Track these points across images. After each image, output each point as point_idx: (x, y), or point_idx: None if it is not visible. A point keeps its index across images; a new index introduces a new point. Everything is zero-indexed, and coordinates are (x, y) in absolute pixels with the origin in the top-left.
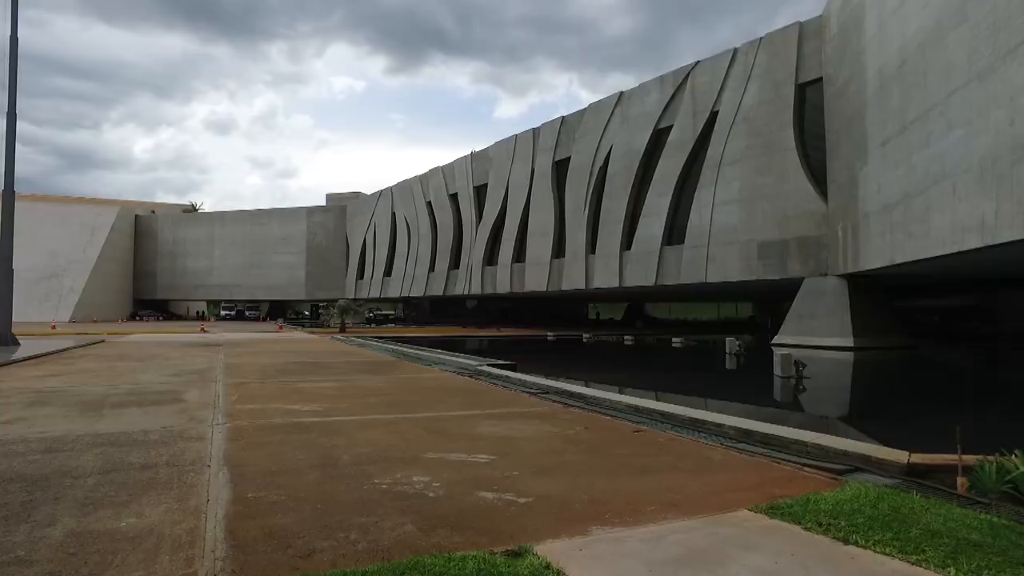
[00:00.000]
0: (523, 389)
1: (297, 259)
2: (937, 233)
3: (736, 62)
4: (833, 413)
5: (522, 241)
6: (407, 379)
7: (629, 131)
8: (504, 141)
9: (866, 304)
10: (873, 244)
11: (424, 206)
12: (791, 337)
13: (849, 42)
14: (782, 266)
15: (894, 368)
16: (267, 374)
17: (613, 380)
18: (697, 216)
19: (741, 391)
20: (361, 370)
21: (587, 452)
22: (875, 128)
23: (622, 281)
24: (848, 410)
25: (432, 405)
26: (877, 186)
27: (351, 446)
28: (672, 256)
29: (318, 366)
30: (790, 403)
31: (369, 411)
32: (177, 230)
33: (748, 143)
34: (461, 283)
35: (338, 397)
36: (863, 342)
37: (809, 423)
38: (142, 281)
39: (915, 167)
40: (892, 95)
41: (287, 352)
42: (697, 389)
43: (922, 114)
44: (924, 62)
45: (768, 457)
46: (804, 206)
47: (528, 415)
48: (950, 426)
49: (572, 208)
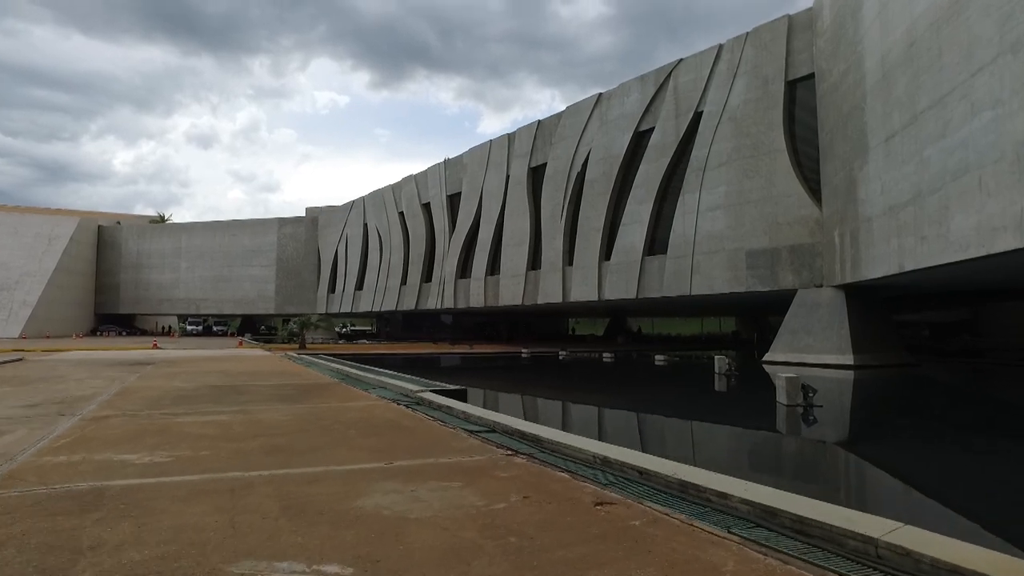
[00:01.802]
0: (464, 425)
1: (267, 272)
2: (958, 235)
3: (721, 59)
4: (888, 468)
5: (496, 252)
6: (326, 410)
7: (608, 134)
8: (478, 147)
9: (865, 317)
10: (877, 251)
11: (397, 216)
12: (783, 354)
13: (845, 32)
14: (772, 277)
15: (910, 390)
16: (156, 403)
17: (585, 405)
18: (681, 224)
19: (740, 424)
20: (279, 397)
21: (513, 556)
22: (877, 122)
23: (601, 294)
24: (905, 461)
25: (329, 453)
26: (880, 186)
27: (121, 548)
28: (654, 267)
29: (234, 391)
30: (812, 448)
31: (232, 464)
32: (142, 241)
33: (735, 145)
34: (433, 297)
35: (215, 439)
36: (863, 359)
37: (863, 491)
38: (104, 295)
39: (928, 161)
40: (898, 84)
41: (216, 373)
42: (684, 421)
43: (937, 100)
44: (939, 41)
45: (813, 564)
46: (796, 211)
47: (452, 471)
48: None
49: (548, 217)
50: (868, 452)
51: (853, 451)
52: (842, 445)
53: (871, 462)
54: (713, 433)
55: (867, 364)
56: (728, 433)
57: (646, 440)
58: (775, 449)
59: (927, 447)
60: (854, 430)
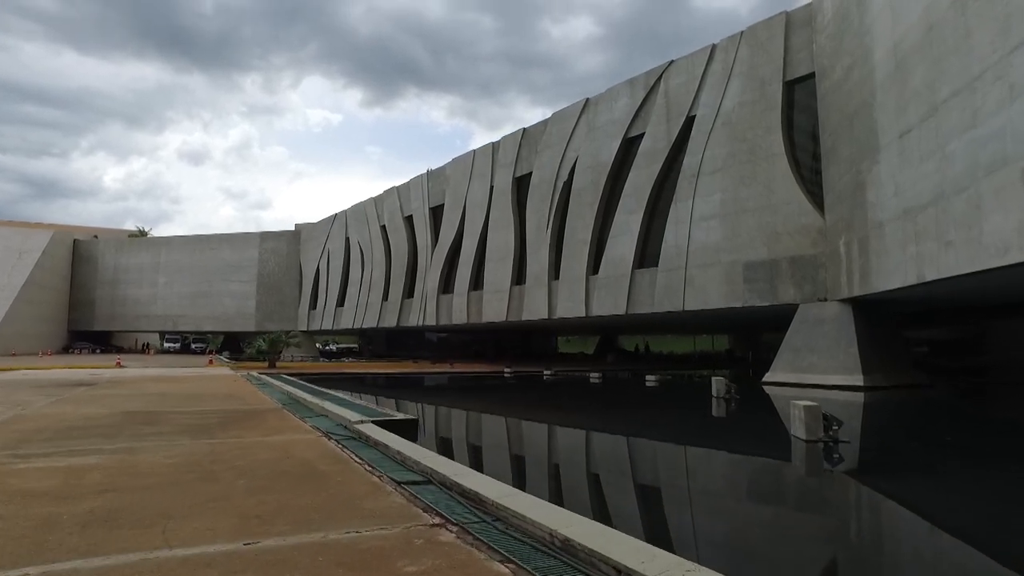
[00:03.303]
0: (395, 473)
1: (247, 288)
2: (994, 238)
3: (715, 59)
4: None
5: (480, 267)
6: (235, 447)
7: (596, 141)
8: (462, 157)
9: (874, 334)
10: (890, 259)
11: (379, 230)
12: (785, 374)
13: (849, 25)
14: (772, 290)
15: (942, 418)
16: (26, 439)
17: (560, 438)
18: (673, 235)
19: (755, 473)
20: (193, 428)
21: None
22: (889, 118)
23: (589, 310)
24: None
25: (178, 523)
26: (894, 188)
27: None
28: (645, 281)
29: (148, 420)
30: (875, 523)
31: (11, 548)
32: (120, 256)
33: (730, 150)
34: (415, 314)
35: (39, 497)
36: (873, 380)
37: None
38: (78, 311)
39: (953, 156)
40: (914, 73)
41: (151, 396)
42: (679, 465)
43: (965, 86)
44: (965, 19)
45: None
46: (797, 220)
47: (339, 558)
48: None
49: (534, 229)
50: (961, 525)
51: (936, 522)
52: (912, 508)
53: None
54: (720, 489)
55: (878, 385)
56: (743, 488)
57: (630, 497)
58: (818, 526)
59: None
60: (914, 484)
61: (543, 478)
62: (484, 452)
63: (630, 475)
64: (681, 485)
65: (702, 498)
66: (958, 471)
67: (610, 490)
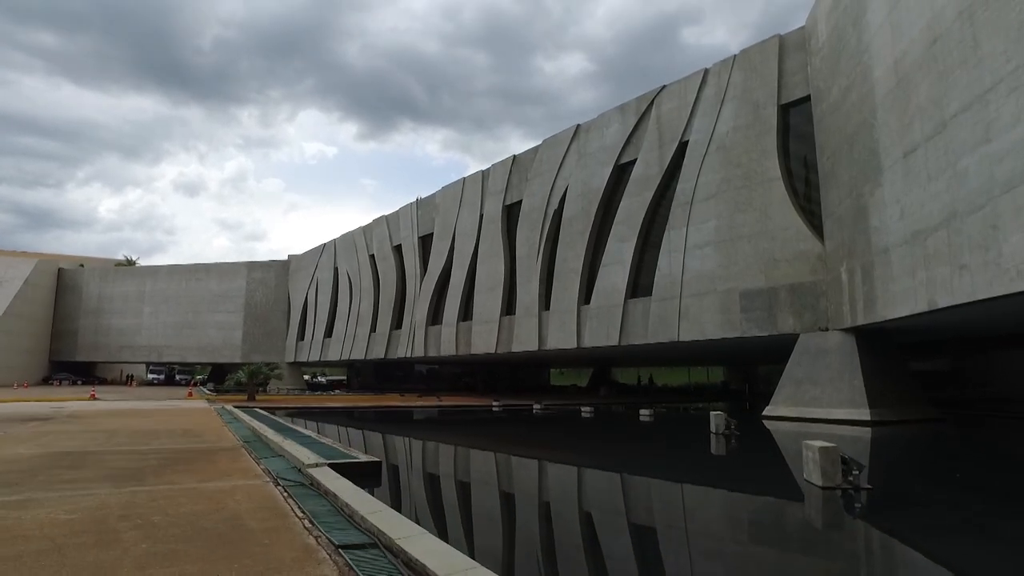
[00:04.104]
0: (337, 533)
1: (234, 318)
2: (1015, 260)
3: (707, 84)
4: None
5: (469, 297)
6: (161, 497)
7: (587, 168)
8: (452, 185)
9: (880, 365)
10: (897, 286)
11: (367, 260)
12: (786, 408)
13: (845, 44)
14: (770, 320)
15: (962, 455)
16: None
17: (541, 484)
18: (666, 263)
19: (770, 533)
20: (125, 472)
21: None
22: (892, 138)
23: (580, 341)
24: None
25: None
26: (899, 210)
27: None
28: (638, 311)
29: (79, 463)
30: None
31: None
32: (105, 285)
33: (724, 175)
34: (403, 345)
35: None
36: (880, 414)
37: None
38: (60, 341)
39: (966, 174)
40: (918, 89)
41: (101, 433)
42: (680, 523)
43: (976, 99)
44: (973, 29)
45: None
46: (795, 246)
47: None
48: None
49: (524, 258)
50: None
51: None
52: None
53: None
54: (736, 554)
55: (886, 420)
56: (762, 553)
57: (622, 567)
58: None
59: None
60: (964, 546)
61: (515, 540)
62: (451, 502)
63: (621, 536)
64: (684, 553)
65: (715, 568)
66: (1015, 525)
67: (593, 556)
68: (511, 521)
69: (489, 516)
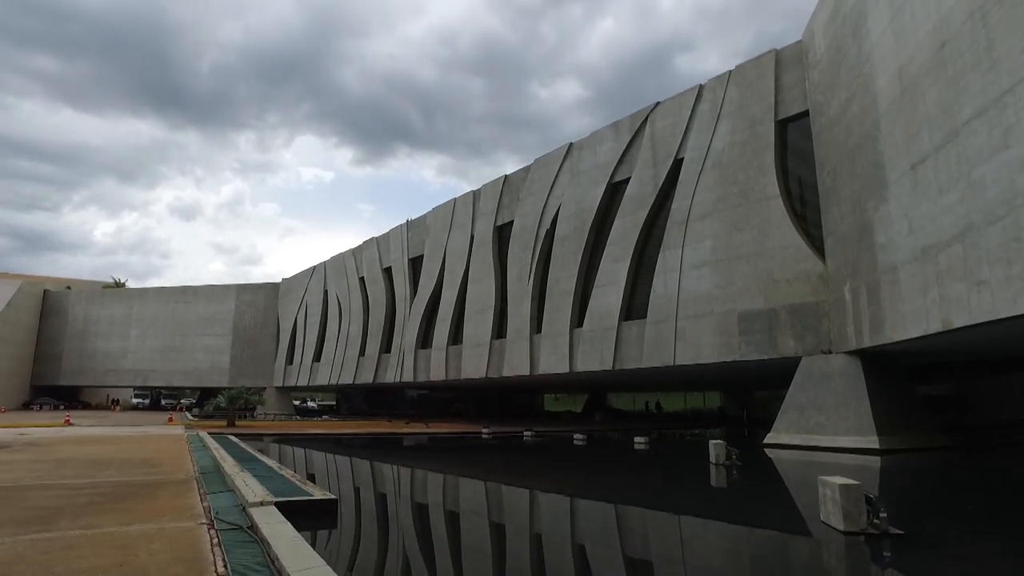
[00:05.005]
0: None
1: (222, 342)
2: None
3: (702, 100)
4: None
5: (459, 320)
6: (65, 544)
7: (580, 187)
8: (442, 206)
9: (888, 390)
10: (907, 306)
11: (357, 282)
12: (788, 435)
13: (845, 55)
14: (770, 343)
15: (990, 488)
16: None
17: (516, 527)
18: (661, 284)
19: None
20: (37, 515)
21: None
22: (897, 149)
23: (573, 365)
24: None
25: None
26: (908, 225)
27: None
28: (632, 334)
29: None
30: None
31: None
32: (91, 308)
33: (720, 193)
34: (393, 369)
35: None
36: (890, 442)
37: None
38: (44, 365)
39: (982, 183)
40: (926, 96)
41: (48, 463)
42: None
43: (991, 103)
44: (985, 29)
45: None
46: (795, 266)
47: None
48: None
49: (515, 280)
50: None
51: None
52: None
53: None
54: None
55: (895, 448)
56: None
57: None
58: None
59: None
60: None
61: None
62: (413, 549)
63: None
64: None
65: None
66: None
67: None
68: (479, 553)
69: (448, 571)
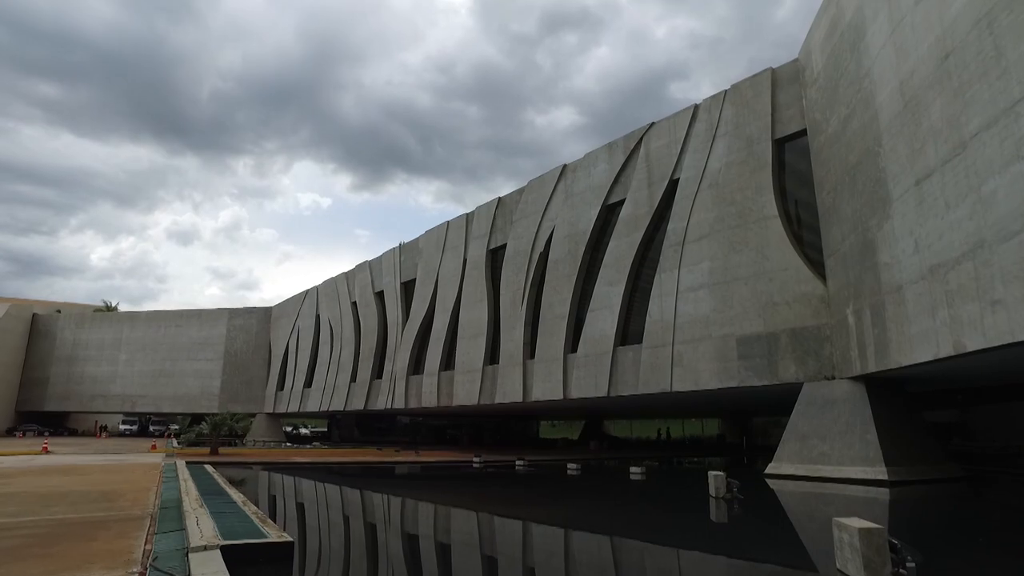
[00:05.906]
0: None
1: (213, 367)
2: None
3: (698, 119)
4: None
5: (452, 345)
6: None
7: (574, 209)
8: (435, 229)
9: (895, 417)
10: (914, 328)
11: (349, 306)
12: (791, 465)
13: (843, 71)
14: (770, 368)
15: (1015, 525)
16: None
17: (507, 558)
18: (658, 308)
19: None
20: None
21: None
22: (901, 165)
23: (567, 392)
24: None
25: None
26: (914, 243)
27: None
28: (628, 359)
29: None
30: None
31: None
32: (80, 331)
33: (717, 214)
34: (384, 395)
35: None
36: (898, 473)
37: None
38: (30, 390)
39: (994, 197)
40: (930, 109)
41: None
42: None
43: (1002, 112)
44: (993, 37)
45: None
46: (795, 288)
47: None
48: None
49: (508, 304)
50: None
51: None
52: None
53: None
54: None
55: (904, 479)
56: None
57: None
58: None
59: None
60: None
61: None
62: None
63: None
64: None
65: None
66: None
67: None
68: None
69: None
